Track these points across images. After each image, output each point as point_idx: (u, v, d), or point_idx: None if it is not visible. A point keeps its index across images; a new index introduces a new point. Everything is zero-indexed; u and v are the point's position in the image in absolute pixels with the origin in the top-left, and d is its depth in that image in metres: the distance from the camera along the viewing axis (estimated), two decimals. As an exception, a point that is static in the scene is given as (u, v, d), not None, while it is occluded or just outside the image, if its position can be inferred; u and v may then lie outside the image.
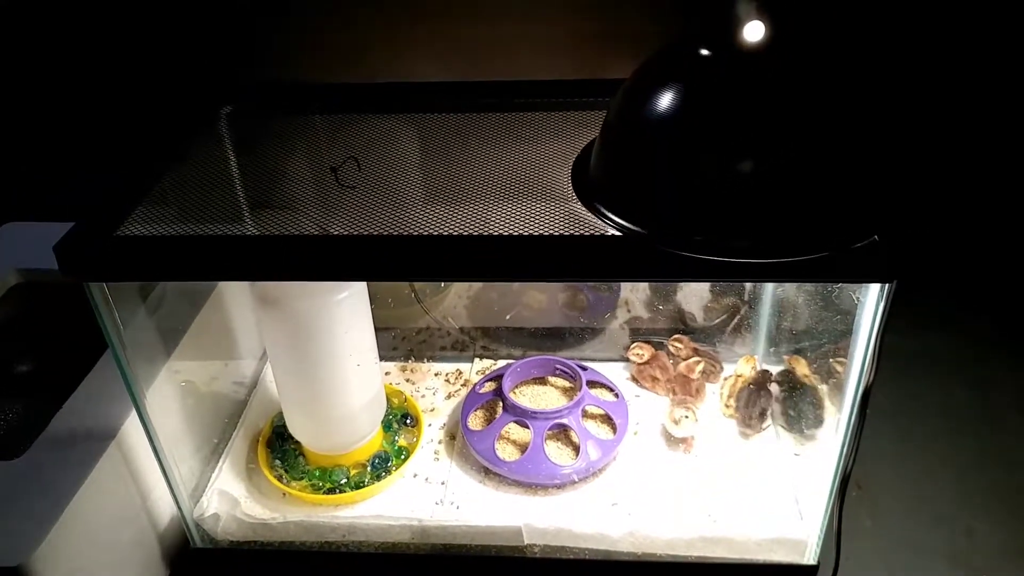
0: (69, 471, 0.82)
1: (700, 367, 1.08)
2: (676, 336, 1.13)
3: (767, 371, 1.05)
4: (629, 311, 1.18)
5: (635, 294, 1.17)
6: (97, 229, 0.77)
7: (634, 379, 1.13)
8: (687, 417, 1.01)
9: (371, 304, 0.96)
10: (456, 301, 1.21)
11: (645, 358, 1.11)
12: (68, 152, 1.35)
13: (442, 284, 1.20)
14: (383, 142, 0.89)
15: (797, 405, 1.01)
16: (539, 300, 1.19)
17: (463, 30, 1.14)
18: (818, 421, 0.98)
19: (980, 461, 1.08)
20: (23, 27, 1.22)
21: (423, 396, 1.13)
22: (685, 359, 1.10)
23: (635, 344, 1.12)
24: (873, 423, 1.01)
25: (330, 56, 1.16)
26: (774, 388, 1.04)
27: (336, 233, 0.75)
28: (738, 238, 0.69)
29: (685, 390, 1.07)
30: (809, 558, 0.91)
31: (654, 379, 1.10)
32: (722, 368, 1.12)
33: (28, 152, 1.38)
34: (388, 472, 0.99)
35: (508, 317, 1.19)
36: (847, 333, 0.80)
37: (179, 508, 0.93)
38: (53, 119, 1.33)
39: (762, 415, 1.03)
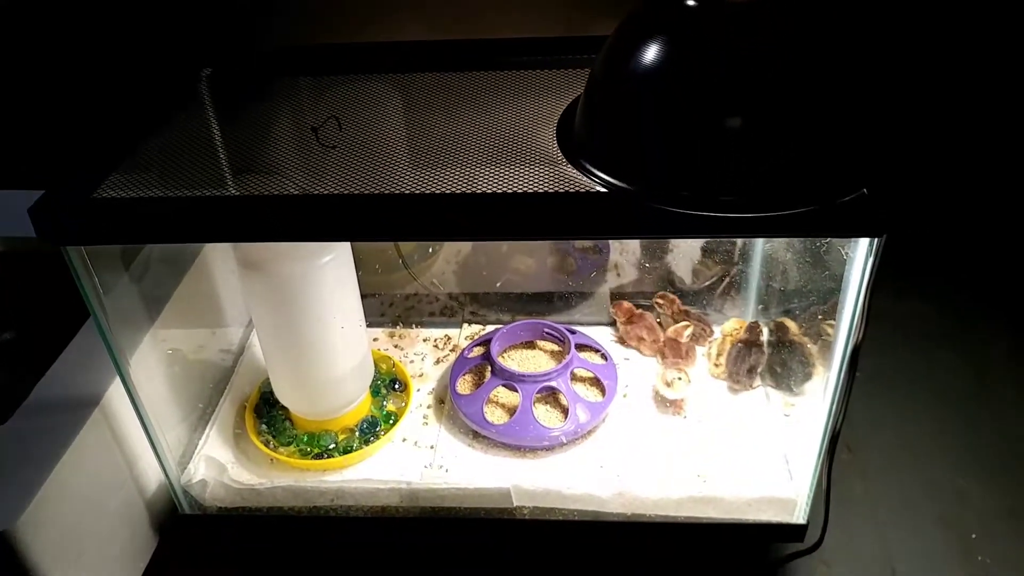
0: (53, 438, 0.82)
1: (689, 331, 1.08)
2: (661, 293, 1.12)
3: (757, 326, 1.05)
4: (619, 275, 1.17)
5: (624, 257, 1.16)
6: (73, 192, 0.75)
7: (620, 340, 1.12)
8: (680, 379, 1.00)
9: (358, 270, 0.95)
10: (444, 266, 1.20)
11: (621, 317, 1.11)
12: (54, 126, 1.34)
13: (430, 249, 1.19)
14: (365, 103, 0.88)
15: (786, 364, 1.00)
16: (527, 264, 1.18)
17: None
18: (806, 379, 0.98)
19: (970, 425, 1.08)
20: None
21: (411, 362, 1.12)
22: (671, 316, 1.10)
23: (614, 303, 1.12)
24: (864, 388, 1.02)
25: (314, 15, 1.14)
26: (765, 345, 1.04)
27: (318, 192, 0.73)
28: (725, 192, 0.68)
29: (675, 353, 1.07)
30: (798, 517, 0.91)
31: (640, 339, 1.10)
32: (712, 332, 1.11)
33: (10, 121, 1.36)
34: (377, 437, 0.99)
35: (498, 284, 1.18)
36: (836, 291, 0.79)
37: (166, 475, 0.93)
38: (37, 93, 1.31)
39: (751, 372, 1.02)
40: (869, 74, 0.73)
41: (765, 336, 1.04)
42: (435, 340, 1.16)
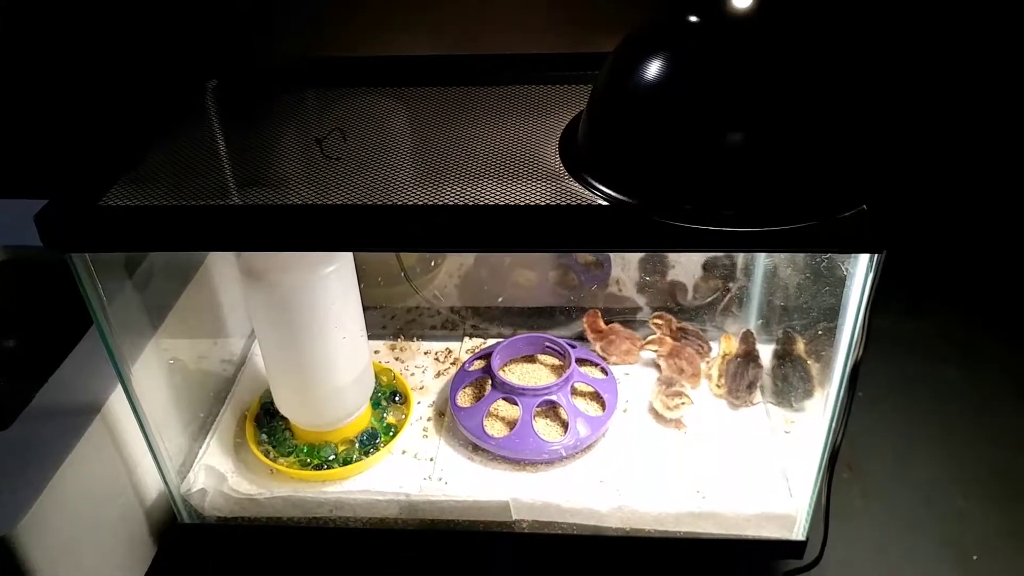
0: (54, 444, 0.82)
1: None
2: (657, 313, 1.12)
3: (751, 336, 1.05)
4: (620, 290, 1.18)
5: (626, 273, 1.16)
6: (79, 200, 0.76)
7: (603, 357, 1.12)
8: (683, 403, 1.00)
9: (360, 283, 0.96)
10: (446, 280, 1.21)
11: (592, 335, 1.12)
12: (58, 137, 1.34)
13: (432, 263, 1.20)
14: (369, 116, 0.89)
15: (787, 380, 1.01)
16: (529, 279, 1.19)
17: (452, 7, 1.13)
18: (807, 395, 0.98)
19: (971, 443, 1.08)
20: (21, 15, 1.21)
21: (412, 374, 1.13)
22: (670, 335, 1.10)
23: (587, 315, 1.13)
24: (864, 405, 1.01)
25: (319, 29, 1.15)
26: (764, 362, 1.04)
27: (321, 203, 0.74)
28: (727, 207, 0.68)
29: (688, 361, 1.07)
30: (798, 534, 0.91)
31: (627, 352, 1.11)
32: (710, 348, 1.12)
33: (18, 131, 1.37)
34: (376, 448, 0.99)
35: (500, 300, 1.19)
36: (837, 307, 0.79)
37: (166, 483, 0.93)
38: (44, 103, 1.32)
39: (751, 387, 1.03)
40: (870, 91, 0.74)
41: (760, 348, 1.04)
42: (436, 353, 1.16)
